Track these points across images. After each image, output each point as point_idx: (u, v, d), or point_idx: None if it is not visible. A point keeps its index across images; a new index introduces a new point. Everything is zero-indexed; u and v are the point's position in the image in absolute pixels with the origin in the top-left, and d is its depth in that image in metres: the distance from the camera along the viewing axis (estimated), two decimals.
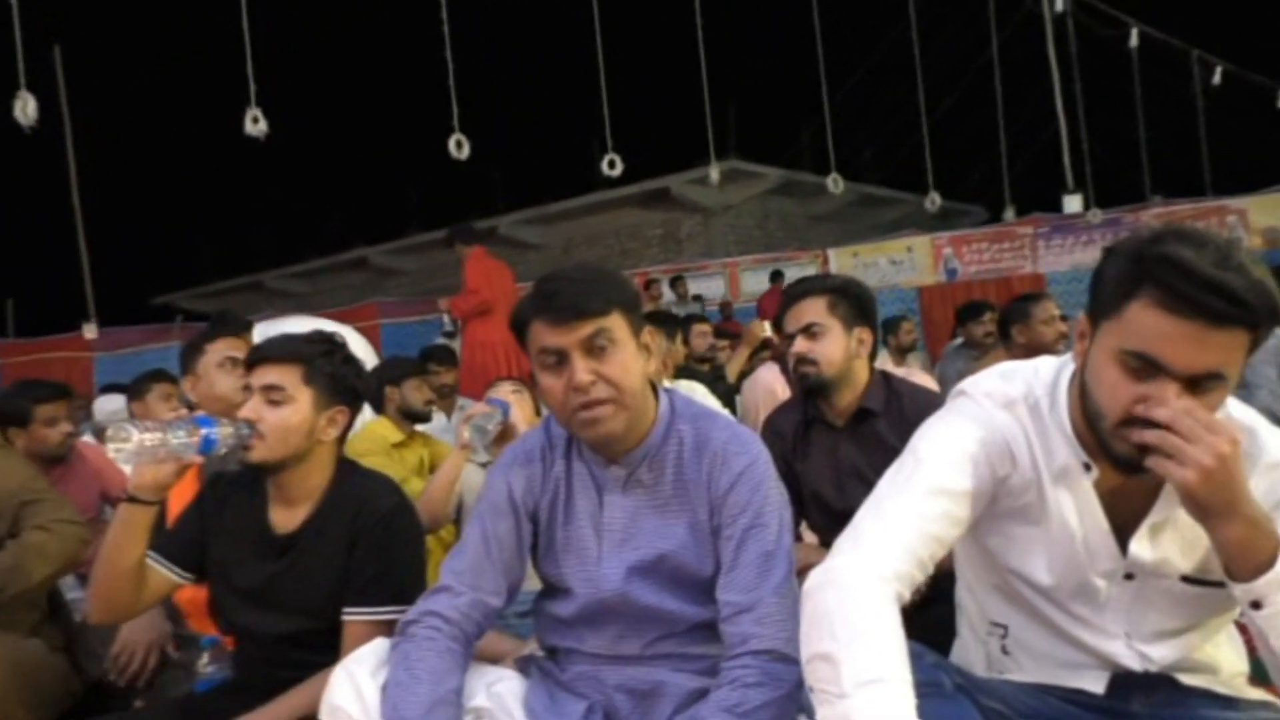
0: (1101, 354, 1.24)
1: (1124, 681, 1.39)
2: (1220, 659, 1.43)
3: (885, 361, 5.88)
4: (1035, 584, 1.40)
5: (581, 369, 1.49)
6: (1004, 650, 1.49)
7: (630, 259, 15.96)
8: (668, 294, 11.27)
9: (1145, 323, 1.18)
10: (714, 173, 8.17)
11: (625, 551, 1.60)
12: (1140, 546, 1.34)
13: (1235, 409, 1.35)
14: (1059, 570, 1.37)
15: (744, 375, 5.23)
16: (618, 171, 6.63)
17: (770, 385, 3.95)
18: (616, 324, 1.52)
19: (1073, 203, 12.03)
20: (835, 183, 9.32)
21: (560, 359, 1.51)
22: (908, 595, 1.28)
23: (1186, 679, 1.39)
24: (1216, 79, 13.17)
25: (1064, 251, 11.96)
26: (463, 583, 1.62)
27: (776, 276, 11.50)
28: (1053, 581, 1.38)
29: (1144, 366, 1.19)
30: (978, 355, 5.33)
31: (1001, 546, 1.43)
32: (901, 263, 12.66)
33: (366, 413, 3.58)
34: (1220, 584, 1.30)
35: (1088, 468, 1.35)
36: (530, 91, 18.68)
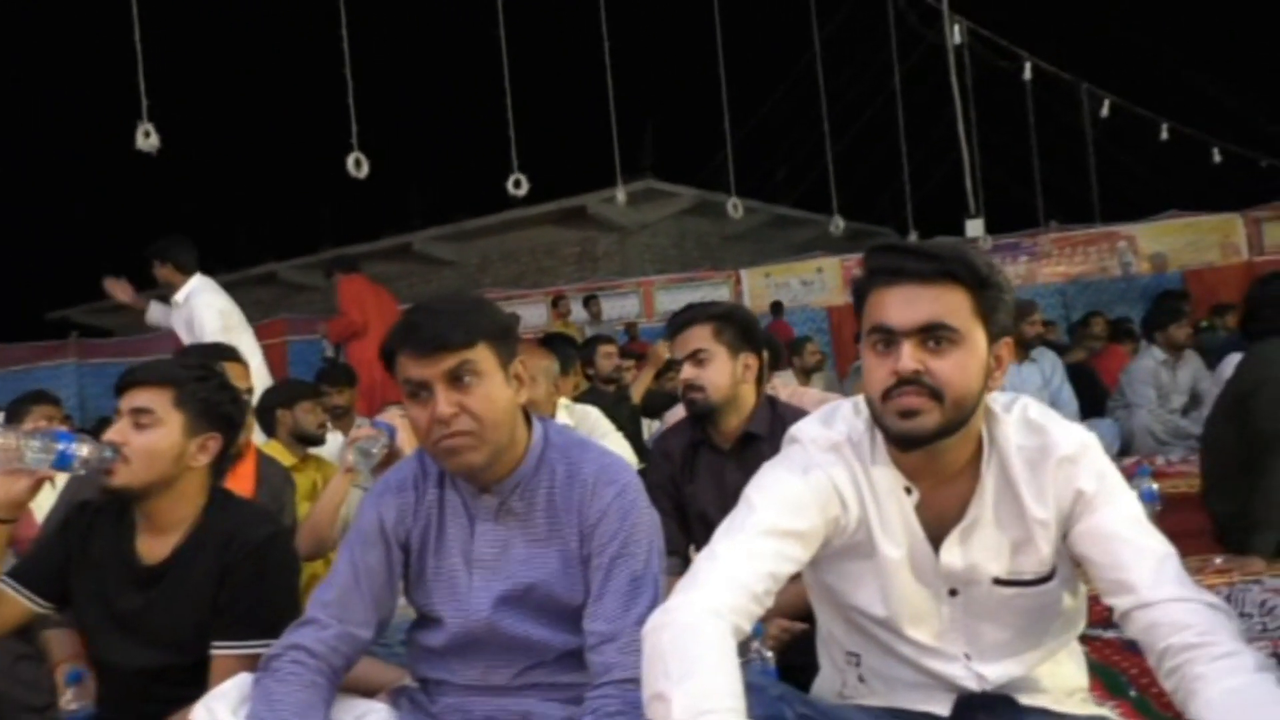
0: (863, 350, 1.40)
1: (968, 703, 1.45)
2: (1060, 677, 1.50)
3: (791, 381, 6.00)
4: (873, 616, 1.46)
5: (443, 401, 1.50)
6: (860, 679, 1.54)
7: (546, 277, 15.94)
8: (579, 312, 11.28)
9: (874, 303, 1.38)
10: (620, 194, 8.22)
11: (495, 581, 1.60)
12: (951, 554, 1.41)
13: (1033, 409, 1.44)
14: (892, 601, 1.44)
15: (650, 395, 5.28)
16: (523, 191, 6.64)
17: None
18: (482, 356, 1.53)
19: (974, 227, 12.42)
20: (735, 208, 9.49)
21: (424, 390, 1.52)
22: (747, 627, 1.33)
23: (1025, 699, 1.46)
24: (1105, 111, 13.85)
25: None
26: (329, 615, 1.60)
27: (777, 308, 11.73)
28: (887, 613, 1.45)
29: (882, 337, 1.36)
30: None
31: (839, 583, 1.50)
32: (812, 283, 12.93)
33: (258, 436, 3.51)
34: (1030, 582, 1.40)
35: (909, 491, 1.43)
36: (445, 108, 18.53)
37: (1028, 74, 13.00)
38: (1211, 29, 18.28)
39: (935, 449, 1.38)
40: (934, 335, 1.32)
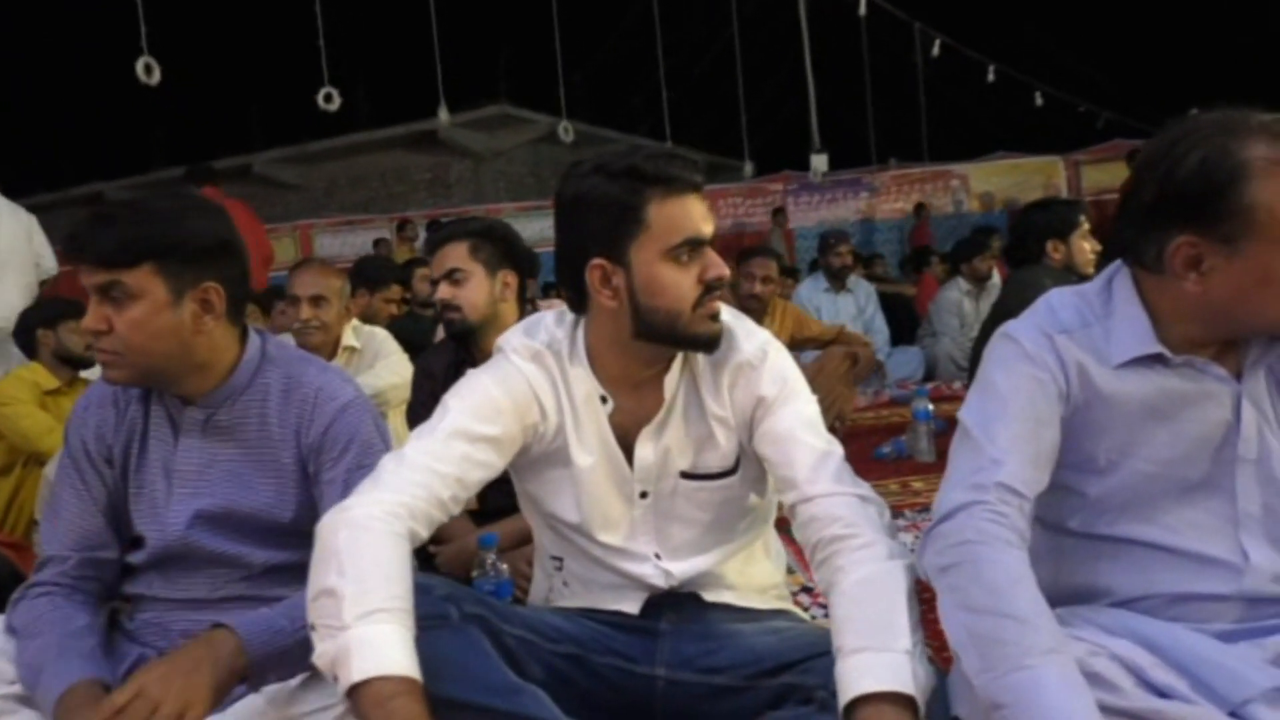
0: (649, 268, 1.37)
1: (656, 601, 1.50)
2: (750, 575, 1.57)
3: None
4: (567, 522, 1.50)
5: (92, 315, 1.45)
6: (565, 583, 1.58)
7: (397, 203, 15.49)
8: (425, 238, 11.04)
9: (670, 216, 1.36)
10: (443, 114, 7.98)
11: (196, 497, 1.56)
12: (644, 449, 1.46)
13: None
14: (585, 506, 1.47)
15: None
16: (335, 106, 6.33)
17: None
18: (140, 278, 1.43)
19: (819, 161, 12.73)
20: (566, 131, 9.44)
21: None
22: (424, 532, 1.33)
23: (710, 595, 1.52)
24: (935, 51, 14.28)
25: (810, 208, 12.66)
26: (65, 548, 1.55)
27: (920, 210, 11.74)
28: (580, 519, 1.48)
29: (688, 249, 1.37)
30: None
31: (538, 490, 1.52)
32: None
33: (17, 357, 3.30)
34: (714, 475, 1.47)
35: (604, 400, 1.46)
36: (276, 22, 17.48)
37: (863, 9, 13.21)
38: None
39: (659, 354, 1.44)
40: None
